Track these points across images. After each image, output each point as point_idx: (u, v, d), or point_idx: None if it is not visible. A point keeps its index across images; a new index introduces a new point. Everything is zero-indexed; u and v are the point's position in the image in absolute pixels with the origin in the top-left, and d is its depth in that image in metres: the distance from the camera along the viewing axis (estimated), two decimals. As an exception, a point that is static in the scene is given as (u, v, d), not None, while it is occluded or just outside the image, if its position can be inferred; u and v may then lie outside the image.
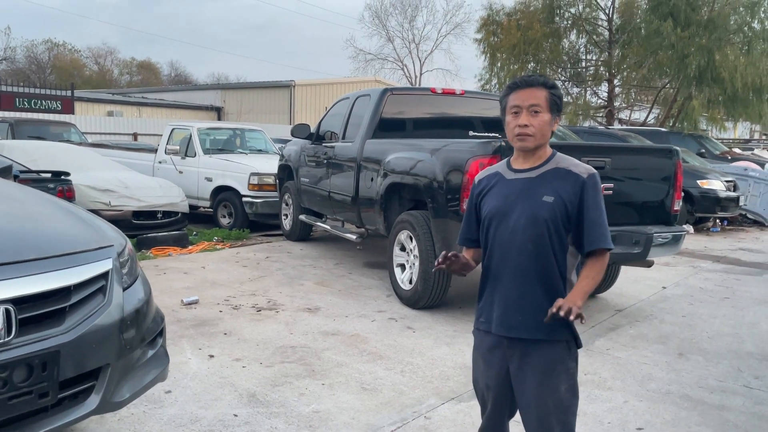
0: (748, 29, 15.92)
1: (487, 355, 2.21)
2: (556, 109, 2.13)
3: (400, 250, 5.56)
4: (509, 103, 2.14)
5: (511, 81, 2.21)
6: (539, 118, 2.09)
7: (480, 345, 2.27)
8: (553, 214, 2.07)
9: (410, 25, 43.50)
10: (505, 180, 2.19)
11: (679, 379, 3.96)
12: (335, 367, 3.96)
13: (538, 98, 2.09)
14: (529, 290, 2.10)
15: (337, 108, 7.36)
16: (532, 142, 2.10)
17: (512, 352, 2.14)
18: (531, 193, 2.11)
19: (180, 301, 5.33)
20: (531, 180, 2.13)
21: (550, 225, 2.07)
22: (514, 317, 2.12)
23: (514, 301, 2.12)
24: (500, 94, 2.27)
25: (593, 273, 2.09)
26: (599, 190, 2.12)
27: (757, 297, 6.21)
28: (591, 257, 2.11)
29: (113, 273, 2.35)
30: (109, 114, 23.41)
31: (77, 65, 50.77)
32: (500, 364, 2.17)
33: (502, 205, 2.14)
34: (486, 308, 2.22)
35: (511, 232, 2.11)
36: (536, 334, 2.10)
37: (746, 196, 11.50)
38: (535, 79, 2.14)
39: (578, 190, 2.08)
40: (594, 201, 2.09)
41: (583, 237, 2.09)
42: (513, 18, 19.01)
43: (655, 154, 5.46)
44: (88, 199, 7.87)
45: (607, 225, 2.11)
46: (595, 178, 2.12)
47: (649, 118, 21.04)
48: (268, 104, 27.34)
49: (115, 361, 2.28)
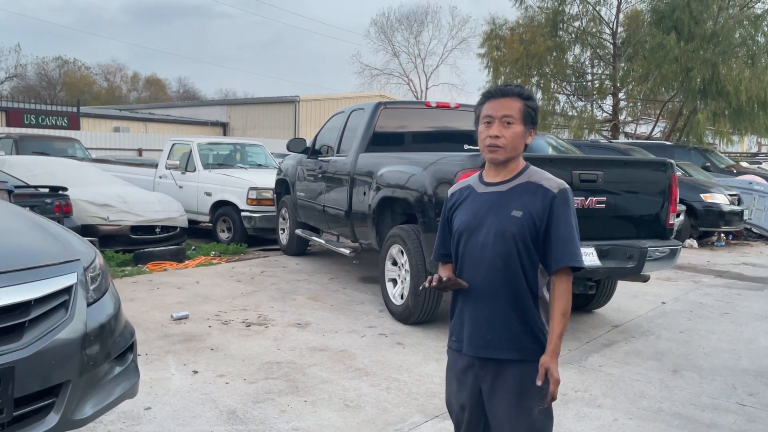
0: (752, 42, 15.82)
1: (460, 375, 2.16)
2: (531, 122, 2.07)
3: (392, 264, 5.50)
4: (483, 113, 2.08)
5: (486, 90, 2.16)
6: (511, 129, 2.03)
7: (453, 365, 2.21)
8: (522, 229, 2.00)
9: (416, 40, 43.84)
10: (476, 193, 2.14)
11: (671, 397, 3.86)
12: (319, 384, 3.89)
13: (512, 109, 2.03)
14: (499, 308, 2.04)
15: (333, 122, 7.35)
16: (502, 154, 2.04)
17: (484, 373, 2.07)
18: (500, 207, 2.05)
19: (170, 316, 5.29)
20: (501, 194, 2.07)
21: (519, 241, 2.00)
22: (483, 336, 2.06)
23: (484, 319, 2.06)
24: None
25: (562, 303, 2.00)
26: (570, 205, 2.04)
27: (758, 312, 6.09)
28: (558, 277, 2.02)
29: (77, 287, 2.32)
30: (115, 130, 23.61)
31: (87, 82, 51.37)
32: (473, 385, 2.11)
33: (471, 220, 2.09)
34: (457, 327, 2.17)
35: (481, 247, 2.05)
36: (506, 353, 2.03)
37: (751, 209, 11.36)
38: (511, 89, 2.08)
39: (547, 205, 2.01)
40: (564, 217, 2.01)
41: (552, 254, 2.01)
42: (516, 32, 19.02)
43: (648, 167, 5.39)
44: (86, 213, 7.88)
45: (578, 243, 2.02)
46: (566, 193, 2.04)
47: (654, 131, 20.94)
48: (273, 119, 27.47)
49: (77, 377, 2.23)
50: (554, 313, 2.01)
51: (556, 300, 2.02)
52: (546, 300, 2.09)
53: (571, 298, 2.06)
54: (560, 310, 2.01)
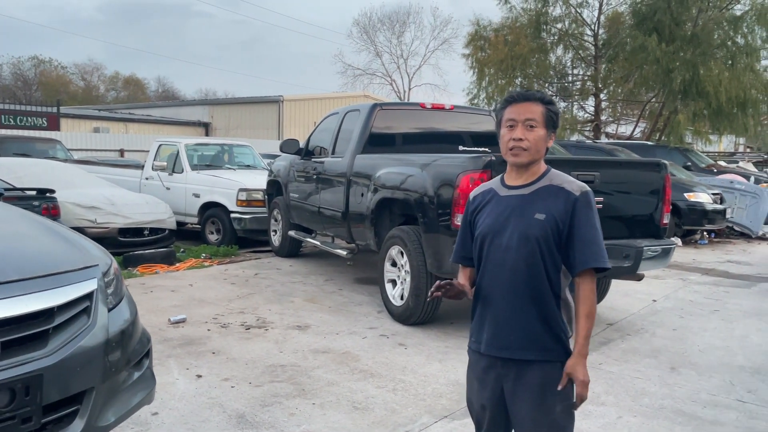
0: (731, 44, 16.10)
1: (482, 376, 2.17)
2: (552, 125, 2.09)
3: (391, 265, 5.52)
4: (505, 117, 2.10)
5: (507, 94, 2.17)
6: (534, 132, 2.05)
7: (474, 365, 2.22)
8: (545, 232, 2.02)
9: (398, 40, 44.02)
10: (498, 197, 2.15)
11: (672, 394, 3.93)
12: (326, 386, 3.89)
13: (534, 113, 2.06)
14: (521, 310, 2.06)
15: (327, 123, 7.34)
16: (526, 156, 2.07)
17: (506, 373, 2.09)
18: (523, 210, 2.07)
19: (167, 319, 5.25)
20: (524, 197, 2.09)
21: (542, 243, 2.03)
22: (506, 337, 2.07)
23: (506, 320, 2.07)
24: (496, 107, 2.25)
25: (587, 304, 2.03)
26: (593, 207, 2.07)
27: (747, 309, 6.22)
28: (582, 278, 2.05)
29: (98, 293, 2.30)
30: (95, 130, 23.28)
31: (63, 81, 50.57)
32: (494, 385, 2.13)
33: (494, 223, 2.11)
34: (477, 328, 2.18)
35: (504, 250, 2.07)
36: (529, 354, 2.05)
37: (733, 208, 11.58)
38: (532, 94, 2.10)
39: (570, 208, 2.03)
40: (586, 219, 2.04)
41: (575, 256, 2.03)
42: (500, 33, 19.15)
43: (643, 168, 5.48)
44: (74, 216, 7.77)
45: (602, 243, 2.05)
46: (588, 195, 2.07)
47: (635, 131, 21.23)
48: (257, 119, 27.32)
49: (100, 384, 2.21)
50: (579, 314, 2.04)
51: (580, 302, 2.05)
52: (568, 301, 2.12)
53: (596, 299, 2.10)
54: (585, 311, 2.04)
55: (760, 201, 11.59)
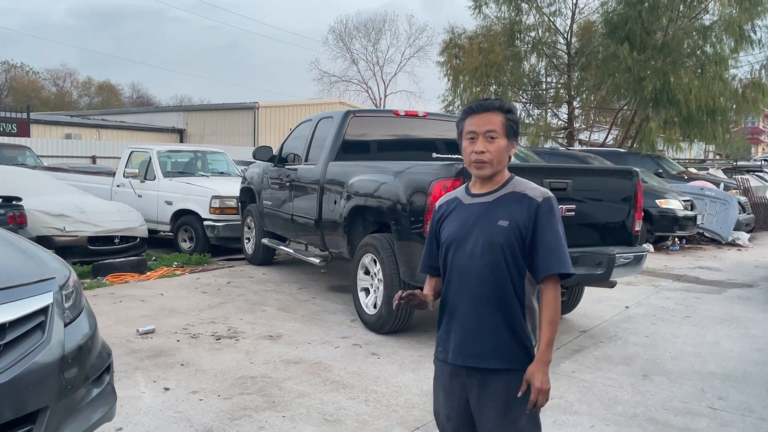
0: (700, 53, 16.38)
1: (447, 386, 2.15)
2: (513, 134, 2.09)
3: (365, 273, 5.46)
4: (465, 128, 2.09)
5: (467, 105, 2.16)
6: (495, 144, 2.05)
7: (440, 375, 2.20)
8: (509, 238, 2.01)
9: (374, 47, 43.96)
10: (463, 205, 2.15)
11: (644, 402, 3.94)
12: (297, 398, 3.82)
13: (494, 123, 2.05)
14: (487, 317, 2.04)
15: (300, 130, 7.28)
16: (489, 168, 2.06)
17: (471, 382, 2.07)
18: (487, 218, 2.06)
19: (135, 330, 5.13)
20: (487, 204, 2.09)
21: (507, 250, 2.02)
22: (471, 346, 2.06)
23: (472, 329, 2.06)
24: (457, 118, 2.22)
25: (550, 311, 2.02)
26: (555, 213, 2.06)
27: (718, 316, 6.28)
28: (546, 285, 2.04)
29: (54, 307, 2.21)
30: (67, 137, 22.82)
31: (35, 87, 49.66)
32: (460, 395, 2.11)
33: (459, 231, 2.10)
34: (443, 337, 2.16)
35: (468, 257, 2.05)
36: (493, 363, 2.04)
37: (703, 215, 11.76)
38: (491, 104, 2.09)
39: (532, 214, 2.03)
40: (549, 225, 2.03)
41: (539, 262, 2.02)
42: (474, 41, 19.25)
43: (615, 175, 5.52)
44: (42, 224, 7.58)
45: (566, 249, 2.05)
46: (551, 201, 2.06)
47: (608, 139, 21.49)
48: (232, 126, 27.07)
49: (55, 402, 2.12)
50: (543, 321, 2.04)
51: (544, 308, 2.04)
52: (533, 308, 2.11)
53: (560, 306, 2.08)
54: (548, 317, 2.03)
55: (729, 207, 11.79)
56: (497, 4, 18.94)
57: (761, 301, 7.03)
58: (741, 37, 16.22)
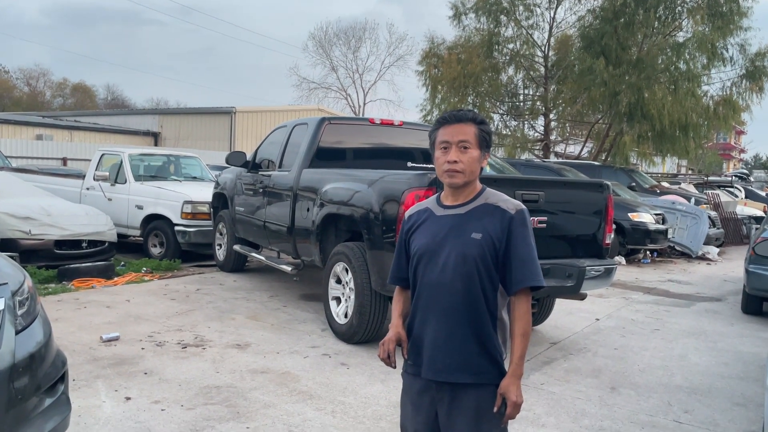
0: (674, 69, 16.70)
1: (416, 400, 2.13)
2: (486, 145, 2.09)
3: (336, 282, 5.41)
4: (438, 138, 2.09)
5: (440, 115, 2.16)
6: (468, 154, 2.04)
7: (408, 389, 2.18)
8: (482, 251, 2.00)
9: (354, 55, 43.97)
10: (434, 216, 2.13)
11: (611, 415, 3.94)
12: (262, 409, 3.75)
13: (467, 134, 2.05)
14: (457, 331, 2.02)
15: (275, 136, 7.22)
16: (461, 178, 2.05)
17: (441, 397, 2.05)
18: (460, 230, 2.05)
19: (99, 337, 5.01)
20: (460, 216, 2.07)
21: (480, 263, 2.00)
22: (441, 360, 2.04)
23: (442, 343, 2.04)
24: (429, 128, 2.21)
25: (522, 324, 2.02)
26: (528, 226, 2.06)
27: (686, 329, 6.35)
28: (518, 297, 2.03)
29: (5, 314, 2.12)
30: (38, 138, 22.39)
31: (6, 86, 48.68)
32: (428, 409, 2.09)
33: (430, 243, 2.08)
34: (413, 350, 2.13)
35: (441, 271, 2.03)
36: (463, 377, 2.02)
37: (674, 228, 11.93)
38: (464, 114, 2.09)
39: (506, 227, 2.02)
40: (522, 237, 2.03)
41: (512, 275, 2.01)
42: (453, 52, 19.39)
43: (587, 188, 5.55)
44: (7, 227, 7.39)
45: (537, 262, 2.04)
46: (524, 213, 2.06)
47: (583, 151, 21.77)
48: (208, 130, 26.80)
49: (3, 413, 2.03)
50: (514, 334, 2.03)
51: (516, 321, 2.04)
52: (504, 321, 2.10)
53: (531, 319, 2.07)
54: (520, 331, 2.03)
55: (700, 222, 11.98)
56: (476, 15, 19.11)
57: (728, 315, 7.13)
58: (713, 55, 16.60)
